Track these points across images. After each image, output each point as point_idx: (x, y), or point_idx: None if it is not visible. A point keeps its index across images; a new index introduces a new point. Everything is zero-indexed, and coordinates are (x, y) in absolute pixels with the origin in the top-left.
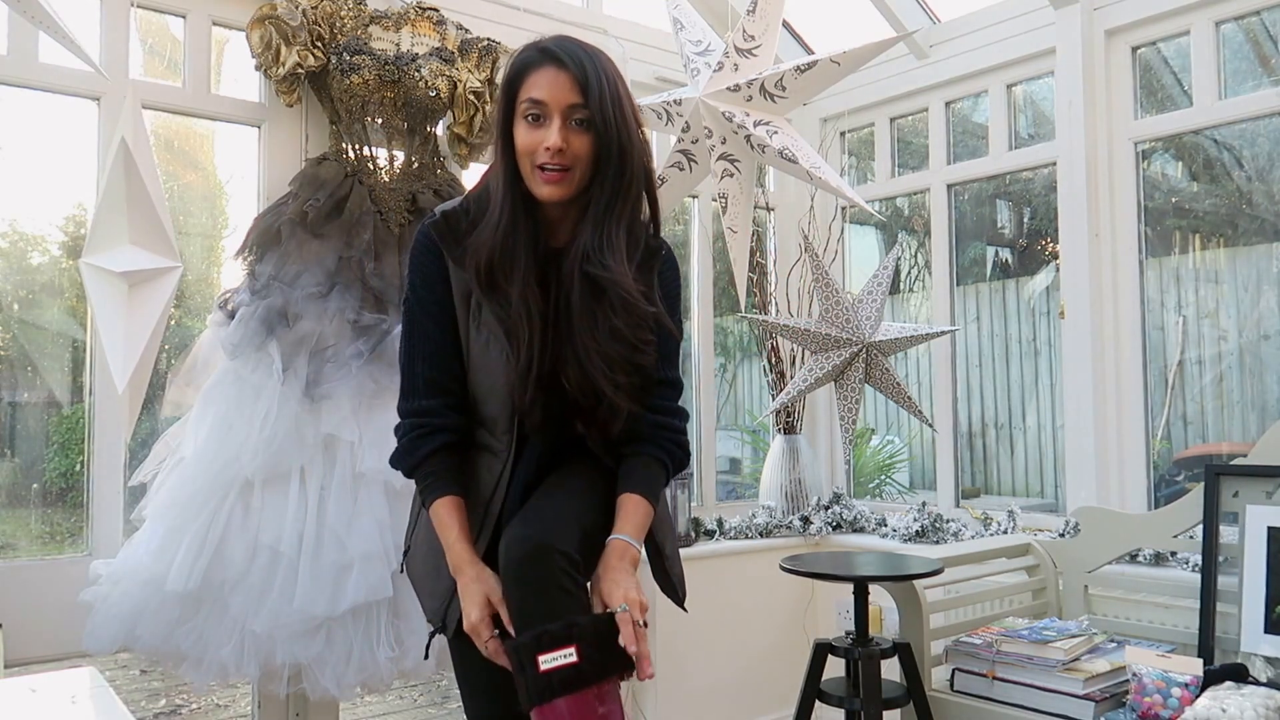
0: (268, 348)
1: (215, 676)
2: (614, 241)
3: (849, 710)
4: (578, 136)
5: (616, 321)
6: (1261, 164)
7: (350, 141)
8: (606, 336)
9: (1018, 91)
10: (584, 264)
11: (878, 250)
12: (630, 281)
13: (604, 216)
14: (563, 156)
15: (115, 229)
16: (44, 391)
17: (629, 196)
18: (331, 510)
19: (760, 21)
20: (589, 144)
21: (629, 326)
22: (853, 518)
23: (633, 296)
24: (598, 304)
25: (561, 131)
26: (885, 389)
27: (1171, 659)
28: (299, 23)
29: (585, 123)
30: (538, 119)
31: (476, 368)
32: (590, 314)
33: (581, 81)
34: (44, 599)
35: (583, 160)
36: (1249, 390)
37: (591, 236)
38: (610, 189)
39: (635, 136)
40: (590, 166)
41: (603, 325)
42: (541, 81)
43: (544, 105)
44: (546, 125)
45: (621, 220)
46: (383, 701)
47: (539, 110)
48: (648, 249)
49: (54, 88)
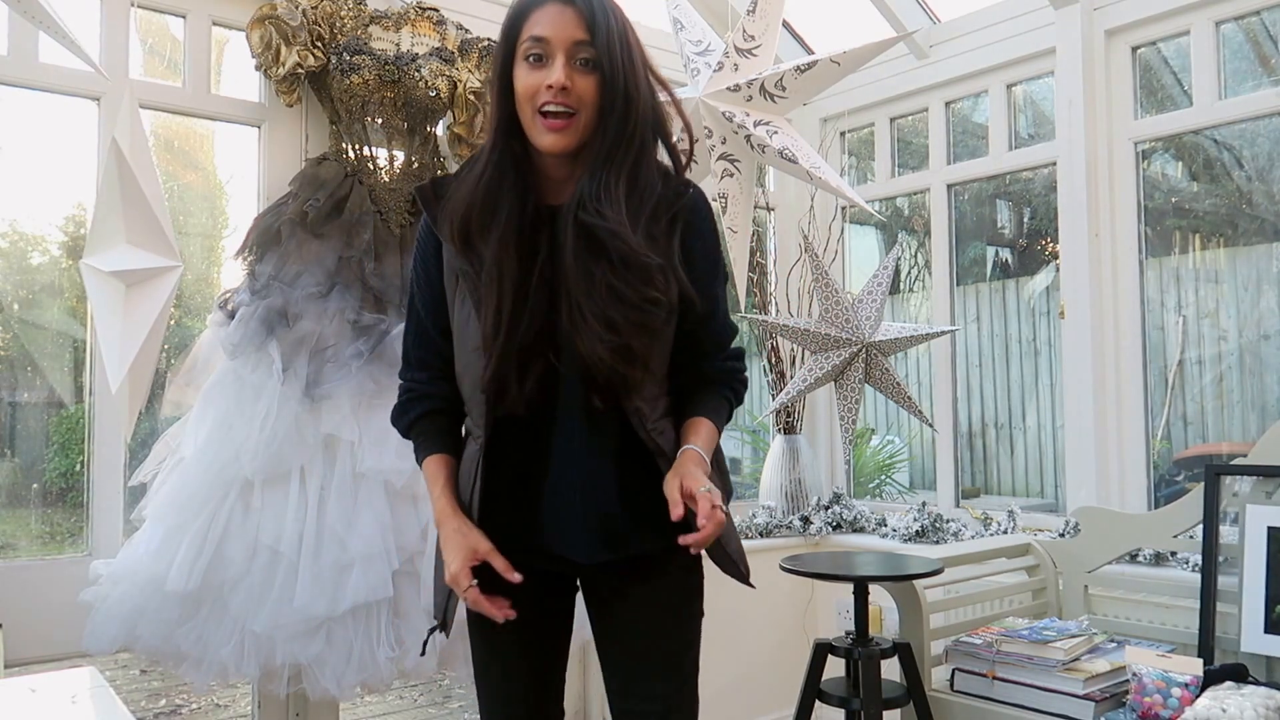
0: (268, 348)
1: (215, 676)
2: (612, 190)
3: (849, 710)
4: (583, 77)
5: (615, 280)
6: (1261, 164)
7: (350, 141)
8: (605, 295)
9: (1018, 91)
10: (579, 212)
11: (878, 250)
12: (629, 232)
13: (602, 165)
14: (566, 96)
15: (112, 229)
16: (44, 391)
17: (632, 145)
18: (331, 510)
19: (760, 21)
20: (594, 86)
21: (630, 284)
22: (853, 518)
23: (631, 248)
24: (594, 260)
25: (565, 69)
26: (885, 389)
27: (1171, 659)
28: (299, 23)
29: (591, 63)
30: (540, 59)
31: (460, 347)
32: (587, 272)
33: (588, 18)
34: (44, 599)
35: (588, 104)
36: (1249, 390)
37: (588, 185)
38: (612, 136)
39: (643, 83)
40: (595, 113)
41: (600, 283)
42: (545, 18)
43: (547, 42)
44: (549, 64)
45: (623, 169)
46: (383, 701)
47: (541, 49)
48: (664, 197)
49: (54, 88)
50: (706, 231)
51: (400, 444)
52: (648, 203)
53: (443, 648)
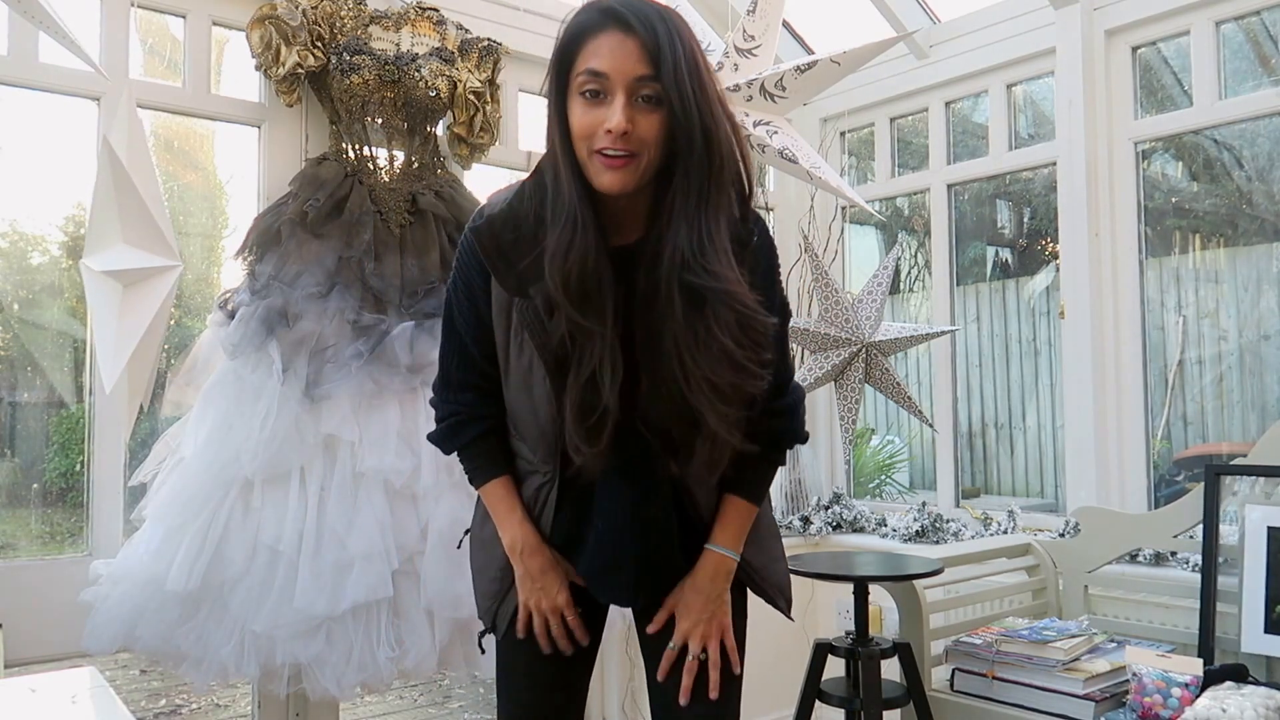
0: (268, 348)
1: (215, 676)
2: (715, 240)
3: (849, 710)
4: (645, 116)
5: (727, 340)
6: (1261, 164)
7: (350, 141)
8: (716, 359)
9: (1018, 91)
10: (683, 272)
11: (878, 250)
12: (745, 290)
13: (696, 212)
14: (627, 141)
15: (109, 229)
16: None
17: (723, 184)
18: (331, 510)
19: (760, 21)
20: (658, 124)
21: (744, 346)
22: (853, 518)
23: (750, 310)
24: (700, 319)
25: (626, 110)
26: (885, 389)
27: (1171, 659)
28: (299, 23)
29: (654, 99)
30: (597, 95)
31: (516, 389)
32: (693, 331)
33: (652, 49)
34: (44, 599)
35: (650, 144)
36: (1249, 390)
37: (687, 237)
38: (699, 178)
39: (719, 112)
40: (661, 151)
41: (713, 345)
42: (603, 49)
43: (605, 78)
44: (608, 102)
45: (720, 213)
46: (383, 701)
47: (599, 85)
48: (736, 237)
49: (54, 88)
50: (773, 261)
51: (400, 444)
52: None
53: (443, 648)
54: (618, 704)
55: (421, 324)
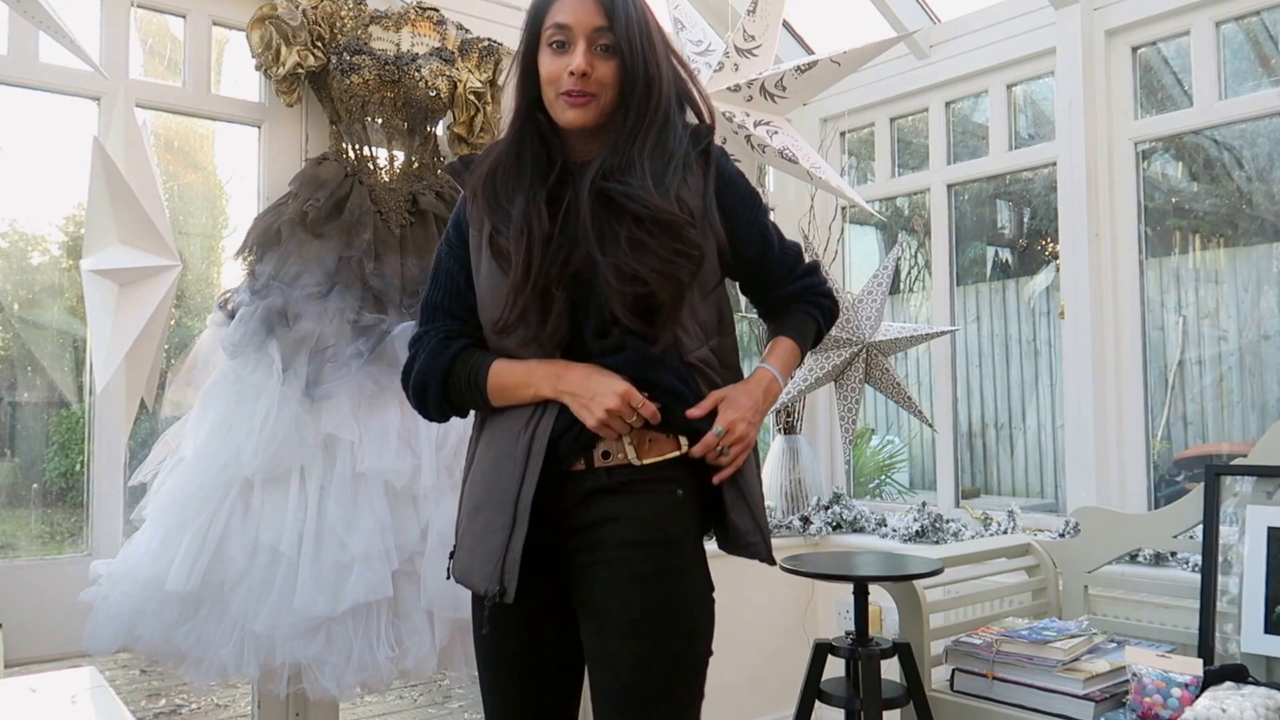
0: (268, 348)
1: (215, 676)
2: (635, 163)
3: (849, 710)
4: (603, 63)
5: (639, 234)
6: (1261, 164)
7: (350, 141)
8: (628, 250)
9: (1018, 91)
10: (599, 180)
11: (878, 250)
12: (650, 194)
13: (626, 142)
14: (586, 82)
15: (104, 229)
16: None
17: (654, 122)
18: (331, 510)
19: (760, 21)
20: (614, 70)
21: (655, 236)
22: (853, 518)
23: (652, 205)
24: (615, 221)
25: (586, 56)
26: (885, 389)
27: (1171, 659)
28: (299, 23)
29: (610, 48)
30: (562, 45)
31: (486, 306)
32: (607, 232)
33: (608, 6)
34: (44, 599)
35: (608, 87)
36: (1249, 390)
37: (610, 157)
38: (634, 117)
39: (664, 64)
40: (615, 94)
41: (621, 240)
42: (567, 7)
43: (568, 30)
44: (571, 51)
45: (645, 143)
46: (383, 701)
47: (564, 35)
48: (687, 155)
49: (54, 88)
50: (733, 175)
51: (400, 444)
52: (674, 166)
53: (443, 648)
54: None
55: None
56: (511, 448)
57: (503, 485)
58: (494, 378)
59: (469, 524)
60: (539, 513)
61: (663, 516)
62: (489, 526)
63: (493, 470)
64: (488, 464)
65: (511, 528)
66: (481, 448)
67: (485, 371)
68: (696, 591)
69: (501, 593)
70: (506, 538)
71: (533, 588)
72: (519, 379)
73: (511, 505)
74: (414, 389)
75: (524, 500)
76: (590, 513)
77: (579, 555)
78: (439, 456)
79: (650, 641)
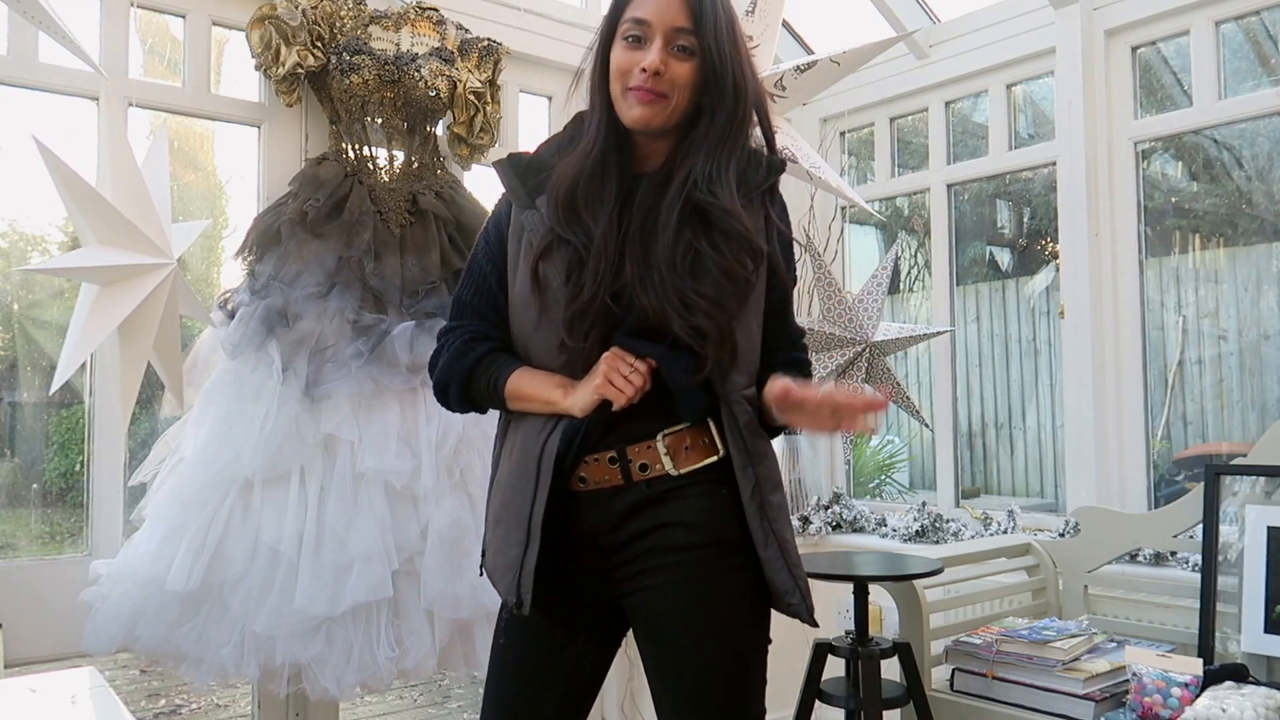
0: (268, 348)
1: (215, 676)
2: (725, 175)
3: (849, 710)
4: (679, 63)
5: (710, 251)
6: (1261, 164)
7: (350, 141)
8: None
9: (1018, 91)
10: (692, 190)
11: (878, 250)
12: (742, 213)
13: (716, 149)
14: (658, 81)
15: (82, 231)
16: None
17: (742, 134)
18: (331, 510)
19: (760, 21)
20: (690, 72)
21: (724, 253)
22: (852, 518)
23: (744, 227)
24: (700, 232)
25: (661, 54)
26: (885, 389)
27: (1171, 659)
28: (299, 23)
29: (689, 50)
30: (638, 40)
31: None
32: (685, 239)
33: (694, 6)
34: (44, 599)
35: (680, 89)
36: (1249, 390)
37: (703, 167)
38: (724, 122)
39: (749, 72)
40: (689, 98)
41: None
42: (649, 2)
43: (647, 25)
44: (646, 47)
45: (734, 155)
46: (383, 701)
47: (640, 30)
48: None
49: (54, 88)
50: (784, 217)
51: (400, 445)
52: (746, 190)
53: (443, 648)
54: (617, 704)
55: (422, 324)
56: (525, 461)
57: (517, 500)
58: (511, 388)
59: (493, 531)
60: (579, 541)
61: (712, 519)
62: (507, 540)
63: (509, 482)
64: (506, 474)
65: (526, 544)
66: (505, 451)
67: (504, 381)
68: (750, 586)
69: (519, 604)
70: (521, 553)
71: (572, 614)
72: (534, 390)
73: (525, 523)
74: (437, 385)
75: (535, 520)
76: (635, 524)
77: (628, 567)
78: (439, 456)
79: (714, 643)
